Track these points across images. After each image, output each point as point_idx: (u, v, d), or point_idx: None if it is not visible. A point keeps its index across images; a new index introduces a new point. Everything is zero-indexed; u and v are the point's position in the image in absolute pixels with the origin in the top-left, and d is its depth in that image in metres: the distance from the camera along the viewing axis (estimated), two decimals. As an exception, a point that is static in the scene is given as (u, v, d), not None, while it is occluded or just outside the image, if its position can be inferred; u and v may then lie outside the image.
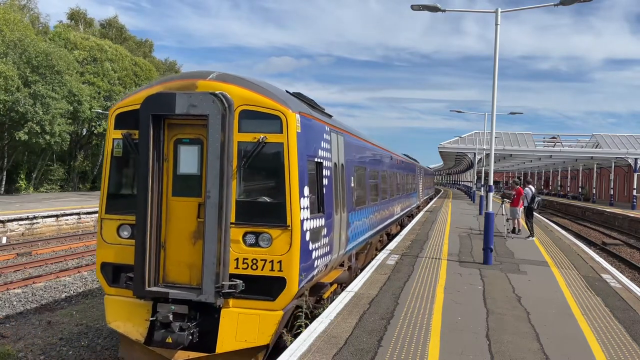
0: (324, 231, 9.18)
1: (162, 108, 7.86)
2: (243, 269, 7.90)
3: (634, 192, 47.80)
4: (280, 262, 7.81)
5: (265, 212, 7.97)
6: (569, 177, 74.72)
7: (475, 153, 47.24)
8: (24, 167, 43.97)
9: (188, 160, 8.24)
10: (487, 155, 32.34)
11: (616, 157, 50.58)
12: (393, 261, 14.14)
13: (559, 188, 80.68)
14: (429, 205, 40.75)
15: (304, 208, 8.07)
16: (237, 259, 7.91)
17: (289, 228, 7.79)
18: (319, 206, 9.00)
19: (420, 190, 37.26)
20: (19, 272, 17.78)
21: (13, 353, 10.74)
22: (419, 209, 36.08)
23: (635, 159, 48.15)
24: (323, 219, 9.10)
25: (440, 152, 55.96)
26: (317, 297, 9.85)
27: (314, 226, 8.57)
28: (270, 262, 7.84)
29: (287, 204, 7.83)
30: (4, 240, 23.23)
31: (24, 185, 43.31)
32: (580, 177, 72.45)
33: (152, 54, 69.39)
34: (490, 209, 14.91)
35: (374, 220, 15.36)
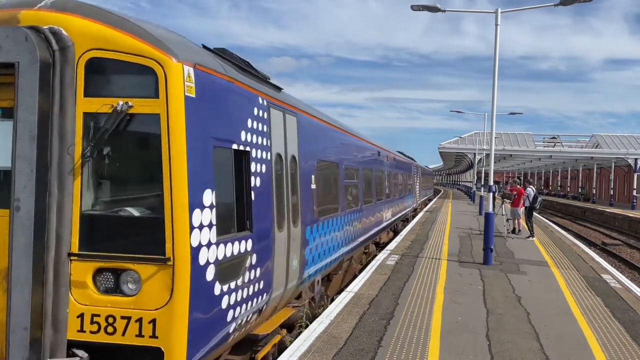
0: (252, 259, 6.22)
1: None
2: (92, 332, 4.89)
3: (634, 192, 47.81)
4: (154, 321, 4.83)
5: (131, 234, 5.07)
6: (569, 177, 74.73)
7: (475, 153, 47.28)
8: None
9: None
10: (487, 156, 32.41)
11: (616, 157, 50.61)
12: (393, 261, 14.14)
13: (559, 188, 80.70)
14: (428, 206, 40.74)
15: (202, 226, 5.14)
16: (81, 315, 4.91)
17: (170, 263, 4.82)
18: (241, 221, 6.10)
19: (417, 192, 34.75)
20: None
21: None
22: (415, 212, 33.74)
23: (635, 159, 48.16)
24: (250, 241, 6.15)
25: (440, 152, 56.04)
26: (249, 355, 6.90)
27: (228, 255, 5.63)
28: (137, 320, 4.84)
29: (166, 220, 4.84)
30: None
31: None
32: (580, 178, 72.44)
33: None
34: (491, 209, 14.94)
35: (352, 231, 12.35)
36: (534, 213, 22.88)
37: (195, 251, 5.02)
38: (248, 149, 6.26)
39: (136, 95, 4.93)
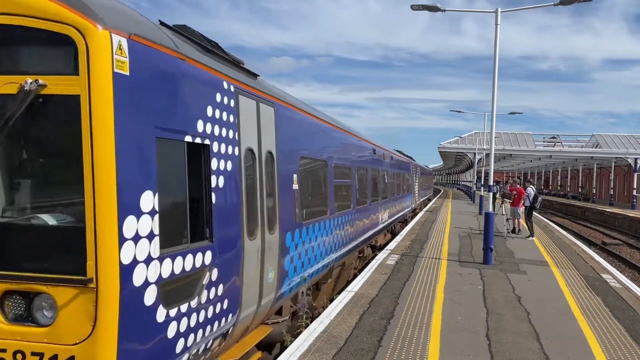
0: (212, 275, 5.29)
1: None
2: None
3: (634, 192, 47.81)
4: (72, 359, 3.96)
5: (45, 247, 4.05)
6: (569, 177, 74.73)
7: (475, 153, 47.28)
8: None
9: None
10: (487, 155, 32.40)
11: (616, 157, 50.63)
12: (393, 261, 14.14)
13: (559, 188, 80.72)
14: (428, 206, 40.75)
15: (139, 237, 4.19)
16: None
17: (92, 285, 3.91)
18: (197, 229, 5.16)
19: (416, 192, 33.83)
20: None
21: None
22: (415, 212, 33.08)
23: (635, 159, 48.17)
24: (209, 253, 5.23)
25: (440, 152, 56.04)
26: None
27: (177, 271, 4.69)
28: (52, 358, 3.98)
29: (87, 230, 3.91)
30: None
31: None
32: (580, 177, 72.45)
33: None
34: (491, 209, 14.96)
35: (343, 235, 11.48)
36: (534, 213, 22.90)
37: (127, 269, 4.06)
38: (207, 142, 5.27)
39: (50, 71, 3.94)
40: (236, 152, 5.91)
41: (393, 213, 21.06)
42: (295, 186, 7.99)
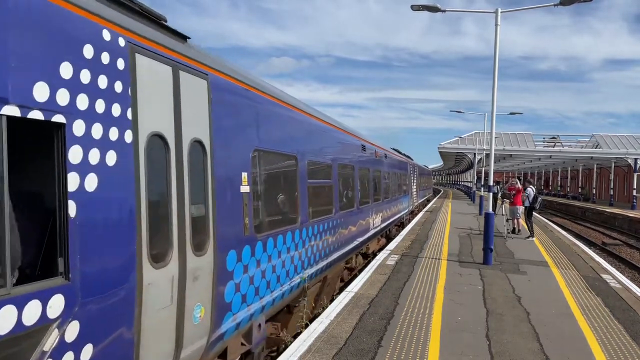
0: (65, 333, 3.42)
1: None
2: None
3: (634, 192, 47.83)
4: None
5: None
6: (569, 177, 74.77)
7: (475, 153, 47.33)
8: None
9: None
10: (487, 156, 32.36)
11: (616, 157, 50.66)
12: (393, 261, 14.15)
13: (559, 188, 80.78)
14: (427, 207, 40.75)
15: None
16: None
17: None
18: (38, 260, 3.55)
19: (414, 193, 32.36)
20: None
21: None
22: (412, 214, 31.49)
23: (635, 159, 48.20)
24: (61, 299, 3.36)
25: (440, 152, 56.08)
26: None
27: None
28: None
29: None
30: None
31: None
32: (580, 177, 72.48)
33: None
34: (491, 209, 14.97)
35: (322, 246, 9.73)
36: (534, 213, 22.92)
37: None
38: (61, 119, 3.43)
39: None
40: (128, 139, 4.06)
41: (387, 217, 19.52)
42: (245, 188, 6.17)
